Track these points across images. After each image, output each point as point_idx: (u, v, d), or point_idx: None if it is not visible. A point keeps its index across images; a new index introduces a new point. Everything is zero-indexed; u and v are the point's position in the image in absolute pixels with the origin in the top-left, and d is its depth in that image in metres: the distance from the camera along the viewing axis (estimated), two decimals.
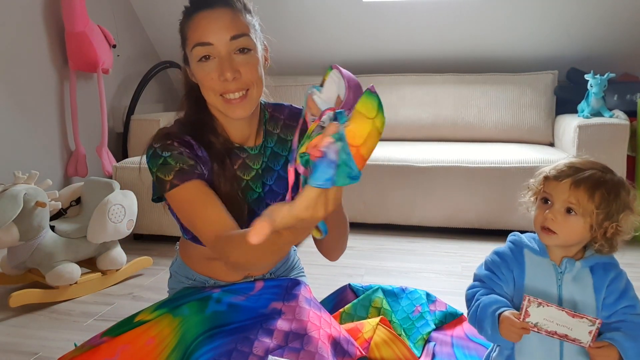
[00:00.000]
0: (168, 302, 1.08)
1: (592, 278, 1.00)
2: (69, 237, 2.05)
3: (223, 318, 1.04)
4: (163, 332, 1.00)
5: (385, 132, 3.12)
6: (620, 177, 1.00)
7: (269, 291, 1.13)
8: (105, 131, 2.88)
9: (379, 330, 1.21)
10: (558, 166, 1.01)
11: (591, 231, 0.98)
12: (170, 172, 0.97)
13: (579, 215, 0.97)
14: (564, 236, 0.99)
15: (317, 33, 3.38)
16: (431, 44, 3.32)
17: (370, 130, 0.61)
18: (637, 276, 2.18)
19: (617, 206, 0.97)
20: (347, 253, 2.50)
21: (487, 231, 2.71)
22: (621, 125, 2.55)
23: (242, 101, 1.00)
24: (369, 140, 0.61)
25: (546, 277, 1.02)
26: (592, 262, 1.02)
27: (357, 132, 0.60)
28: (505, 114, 3.14)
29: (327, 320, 1.11)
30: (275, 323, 1.03)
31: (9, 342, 1.70)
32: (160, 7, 3.32)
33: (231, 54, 0.98)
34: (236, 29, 0.98)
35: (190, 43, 0.99)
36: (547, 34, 3.14)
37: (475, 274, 1.10)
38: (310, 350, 0.98)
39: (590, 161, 1.02)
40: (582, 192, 0.96)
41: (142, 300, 2.01)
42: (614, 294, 0.99)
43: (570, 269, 1.01)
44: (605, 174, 0.99)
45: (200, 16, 0.97)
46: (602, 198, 0.96)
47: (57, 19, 2.71)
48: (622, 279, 1.02)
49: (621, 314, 0.98)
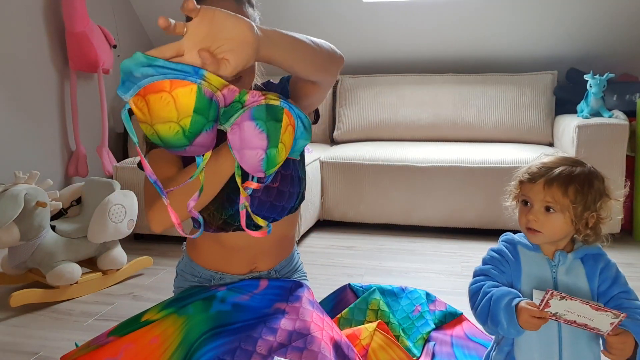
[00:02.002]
0: (174, 302, 1.10)
1: (584, 268, 1.04)
2: (69, 237, 2.05)
3: (227, 317, 1.05)
4: (167, 331, 1.01)
5: (385, 132, 3.12)
6: (591, 167, 1.04)
7: (272, 292, 1.14)
8: (105, 131, 2.89)
9: (376, 335, 1.23)
10: (531, 168, 1.05)
11: (573, 224, 1.02)
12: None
13: (558, 212, 1.01)
14: (549, 233, 1.03)
15: (317, 33, 3.34)
16: (431, 44, 3.32)
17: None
18: (637, 276, 2.19)
19: (592, 196, 1.00)
20: (347, 253, 2.52)
21: (487, 231, 2.72)
22: (620, 125, 2.56)
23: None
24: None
25: (541, 270, 1.05)
26: (581, 253, 1.05)
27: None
28: (505, 114, 3.14)
29: (329, 324, 1.12)
30: (279, 322, 1.04)
31: (9, 341, 1.70)
32: (161, 7, 3.32)
33: None
34: None
35: None
36: (547, 34, 3.14)
37: (475, 270, 1.12)
38: (313, 350, 0.99)
39: (561, 157, 1.06)
40: (555, 189, 1.00)
41: (143, 300, 2.02)
42: (606, 281, 1.03)
43: (564, 261, 1.05)
44: (575, 168, 1.02)
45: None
46: (576, 191, 0.99)
47: (58, 19, 2.71)
48: (612, 267, 1.05)
49: (617, 299, 1.01)
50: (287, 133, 0.87)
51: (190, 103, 0.75)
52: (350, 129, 3.32)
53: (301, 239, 2.71)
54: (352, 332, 1.24)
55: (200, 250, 1.23)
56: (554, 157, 1.07)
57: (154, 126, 0.77)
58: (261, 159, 0.84)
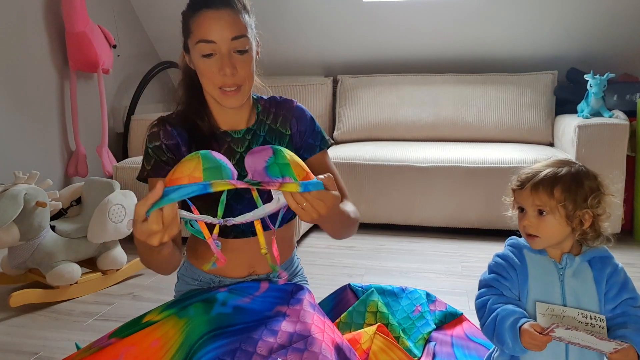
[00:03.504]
0: (176, 303, 1.11)
1: (592, 271, 1.05)
2: (69, 237, 2.05)
3: (228, 320, 1.05)
4: (168, 334, 1.01)
5: (385, 132, 3.13)
6: (580, 166, 1.05)
7: (273, 294, 1.14)
8: (105, 131, 2.89)
9: (376, 339, 1.23)
10: (520, 176, 1.08)
11: (568, 224, 1.03)
12: (149, 162, 1.16)
13: (549, 214, 1.02)
14: (546, 237, 1.04)
15: (317, 33, 3.39)
16: (431, 44, 3.32)
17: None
18: (637, 276, 2.19)
19: (582, 194, 1.02)
20: (347, 253, 2.52)
21: (487, 231, 2.72)
22: (621, 125, 2.56)
23: (236, 94, 1.12)
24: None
25: (548, 273, 1.06)
26: (589, 256, 1.06)
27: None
28: (505, 114, 3.14)
29: (330, 327, 1.12)
30: (280, 324, 1.05)
31: (9, 342, 1.70)
32: (160, 7, 3.32)
33: (231, 52, 1.10)
34: (237, 30, 1.09)
35: (194, 37, 1.10)
36: (547, 34, 3.14)
37: (480, 281, 1.12)
38: (314, 351, 0.99)
39: (550, 161, 1.08)
40: (542, 192, 1.02)
41: (143, 300, 2.02)
42: (615, 287, 1.03)
43: (571, 264, 1.05)
44: (561, 169, 1.04)
45: (206, 14, 1.08)
46: (562, 192, 1.01)
47: (57, 19, 2.71)
48: (620, 272, 1.06)
49: (624, 305, 1.02)
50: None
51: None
52: (350, 129, 3.32)
53: (301, 239, 2.71)
54: (352, 337, 1.24)
55: (199, 254, 1.25)
56: (544, 161, 1.09)
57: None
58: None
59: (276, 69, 3.47)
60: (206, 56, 1.09)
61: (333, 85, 3.49)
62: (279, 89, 3.44)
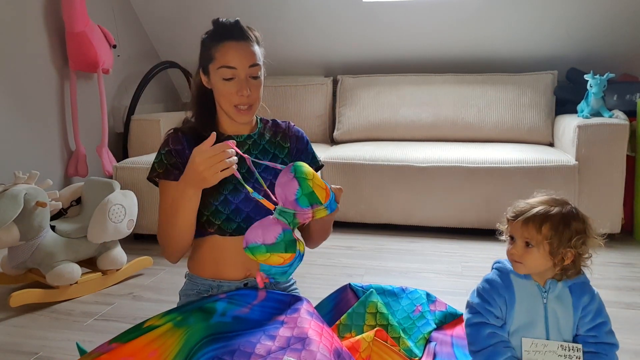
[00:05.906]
0: (177, 309, 1.16)
1: (572, 297, 1.18)
2: (69, 237, 2.05)
3: (226, 327, 1.11)
4: (166, 343, 1.05)
5: (385, 132, 3.14)
6: (572, 208, 1.17)
7: (271, 304, 1.20)
8: (105, 131, 2.89)
9: (375, 345, 1.24)
10: (516, 208, 1.19)
11: (550, 259, 1.14)
12: (161, 166, 1.31)
13: (535, 247, 1.14)
14: (529, 265, 1.16)
15: (317, 33, 3.39)
16: (431, 44, 3.32)
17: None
18: (637, 276, 2.19)
19: (568, 234, 1.13)
20: (347, 253, 2.53)
21: (487, 231, 2.71)
22: (621, 125, 2.56)
23: (248, 112, 1.31)
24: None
25: (533, 296, 1.19)
26: (569, 282, 1.19)
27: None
28: (505, 114, 3.14)
29: (329, 332, 1.15)
30: (278, 330, 1.09)
31: (9, 342, 1.70)
32: (160, 7, 3.32)
33: (247, 77, 1.29)
34: (253, 59, 1.28)
35: (217, 63, 1.27)
36: (547, 34, 3.14)
37: (468, 302, 1.24)
38: (311, 350, 1.01)
39: (546, 198, 1.19)
40: (531, 227, 1.14)
41: (142, 300, 2.02)
42: (590, 314, 1.17)
43: (554, 289, 1.18)
44: (553, 208, 1.15)
45: (229, 45, 1.27)
46: (549, 230, 1.12)
47: (57, 19, 2.71)
48: (595, 299, 1.19)
49: (597, 329, 1.17)
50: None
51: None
52: (351, 129, 3.32)
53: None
54: (351, 345, 1.25)
55: (197, 260, 1.34)
56: (541, 197, 1.19)
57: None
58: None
59: (276, 69, 3.45)
60: (227, 79, 1.27)
61: (333, 85, 3.50)
62: (279, 89, 3.45)
